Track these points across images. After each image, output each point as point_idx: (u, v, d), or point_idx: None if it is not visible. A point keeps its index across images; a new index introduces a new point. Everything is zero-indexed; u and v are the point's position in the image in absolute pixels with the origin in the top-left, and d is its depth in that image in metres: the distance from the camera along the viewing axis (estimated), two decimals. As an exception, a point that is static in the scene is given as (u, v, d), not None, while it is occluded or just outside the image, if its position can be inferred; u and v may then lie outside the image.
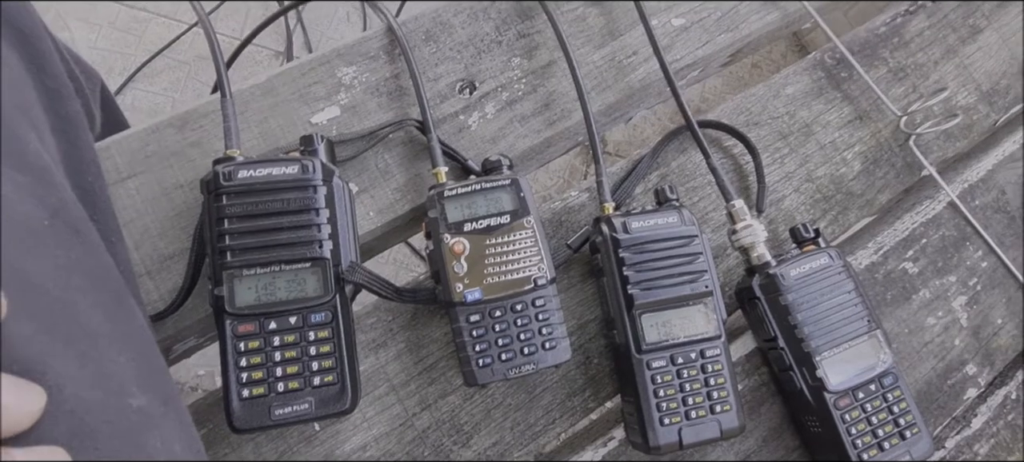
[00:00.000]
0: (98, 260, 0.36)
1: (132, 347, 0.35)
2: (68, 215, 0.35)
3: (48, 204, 0.34)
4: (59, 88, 0.43)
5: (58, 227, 0.34)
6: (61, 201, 0.35)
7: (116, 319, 0.34)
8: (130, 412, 0.32)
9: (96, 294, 0.34)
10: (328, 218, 0.47)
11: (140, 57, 1.64)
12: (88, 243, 0.36)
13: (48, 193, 0.34)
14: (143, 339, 0.37)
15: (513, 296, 0.50)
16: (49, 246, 0.33)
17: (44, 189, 0.34)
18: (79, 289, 0.33)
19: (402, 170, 0.57)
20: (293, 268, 0.46)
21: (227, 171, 0.46)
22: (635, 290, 0.51)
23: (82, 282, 0.33)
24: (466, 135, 0.59)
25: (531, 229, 0.51)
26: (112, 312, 0.34)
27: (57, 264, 0.32)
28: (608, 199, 0.56)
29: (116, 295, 0.35)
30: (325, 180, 0.48)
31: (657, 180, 0.63)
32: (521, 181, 0.52)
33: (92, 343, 0.32)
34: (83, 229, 0.36)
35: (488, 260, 0.50)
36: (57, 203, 0.34)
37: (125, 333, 0.35)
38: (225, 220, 0.45)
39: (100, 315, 0.33)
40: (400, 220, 0.57)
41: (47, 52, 0.42)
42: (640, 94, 0.65)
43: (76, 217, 0.36)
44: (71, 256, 0.34)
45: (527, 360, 0.50)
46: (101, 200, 0.43)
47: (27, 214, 0.33)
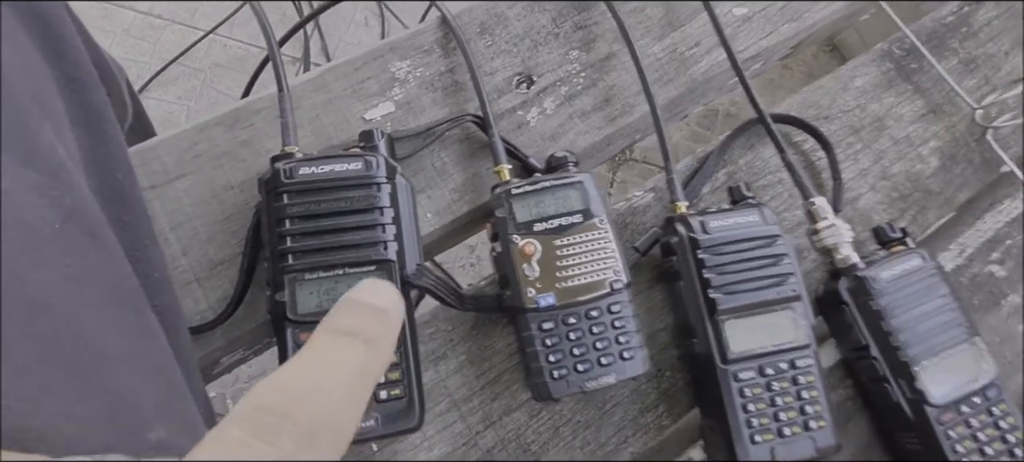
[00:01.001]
0: (116, 269, 0.33)
1: (152, 369, 0.32)
2: (84, 218, 0.32)
3: (61, 205, 0.31)
4: (81, 76, 0.39)
5: (70, 232, 0.30)
6: (76, 202, 0.31)
7: (134, 336, 0.31)
8: (147, 448, 0.28)
9: (112, 310, 0.31)
10: (393, 218, 0.45)
11: (155, 65, 1.63)
12: (105, 250, 0.32)
13: (62, 193, 0.31)
14: (166, 358, 0.34)
15: (588, 301, 0.47)
16: (57, 254, 0.29)
17: (57, 188, 0.31)
18: (91, 303, 0.29)
19: (460, 169, 0.55)
20: (357, 272, 0.44)
21: (288, 168, 0.44)
22: (718, 294, 0.49)
23: (95, 295, 0.30)
24: (525, 132, 0.57)
25: (604, 229, 0.49)
26: (130, 328, 0.31)
27: (66, 275, 0.29)
28: (680, 198, 0.53)
29: (137, 309, 0.32)
30: (388, 177, 0.45)
31: (725, 179, 0.61)
32: (590, 179, 0.50)
33: (101, 368, 0.28)
34: (101, 234, 0.32)
35: (560, 262, 0.47)
36: (71, 204, 0.31)
37: (145, 352, 0.32)
38: (286, 220, 0.43)
39: (114, 334, 0.30)
40: (458, 222, 0.54)
41: (68, 36, 0.39)
42: (703, 88, 0.63)
43: (93, 221, 0.32)
44: (85, 264, 0.30)
45: (605, 371, 0.47)
46: (132, 199, 0.40)
47: (35, 217, 0.29)
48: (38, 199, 0.30)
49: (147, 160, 0.50)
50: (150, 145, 0.50)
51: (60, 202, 0.31)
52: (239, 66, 1.69)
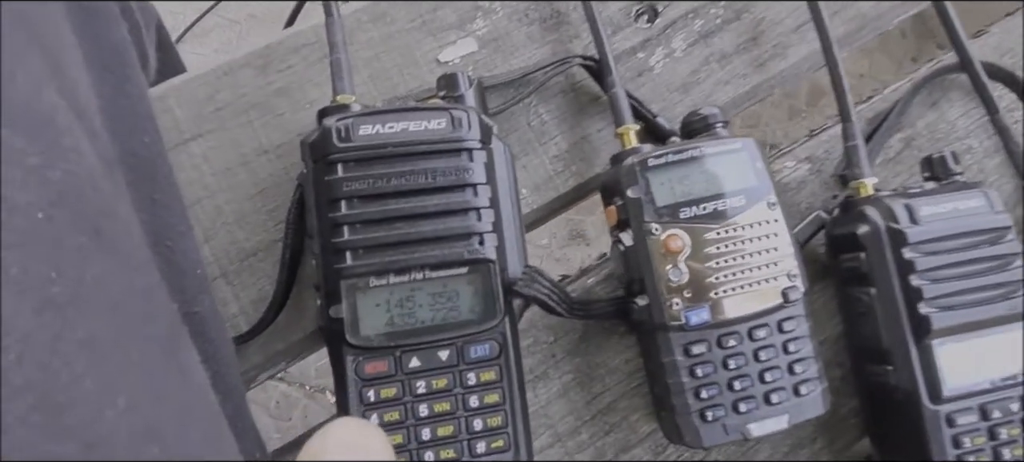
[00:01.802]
0: (129, 282, 0.21)
1: (185, 430, 0.20)
2: (82, 203, 0.20)
3: (48, 182, 0.19)
4: (96, 3, 0.28)
5: (60, 225, 0.19)
6: (72, 177, 0.20)
7: (156, 393, 0.19)
8: None
9: (120, 354, 0.19)
10: (490, 199, 0.32)
11: (189, 16, 1.50)
12: (113, 252, 0.21)
13: (49, 162, 0.19)
14: (205, 409, 0.22)
15: (754, 317, 0.34)
16: (37, 264, 0.17)
17: (42, 153, 0.19)
18: (85, 344, 0.18)
19: (564, 130, 0.41)
20: (442, 276, 0.31)
21: (343, 126, 0.31)
22: (930, 309, 0.35)
23: (95, 327, 0.19)
24: (647, 81, 0.43)
25: (775, 216, 0.35)
26: (151, 378, 0.20)
27: (44, 301, 0.17)
28: (867, 173, 0.39)
29: (162, 343, 0.21)
30: (483, 141, 0.32)
31: (900, 146, 0.46)
32: (755, 145, 0.36)
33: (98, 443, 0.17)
34: (107, 228, 0.21)
35: (716, 263, 0.34)
36: (64, 180, 0.20)
37: (174, 412, 0.20)
38: (342, 202, 0.30)
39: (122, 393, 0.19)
40: (561, 200, 0.41)
41: None
42: (873, 24, 0.48)
43: (98, 206, 0.21)
44: (83, 275, 0.19)
45: (774, 411, 0.34)
46: (162, 172, 0.29)
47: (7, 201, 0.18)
48: (11, 170, 0.18)
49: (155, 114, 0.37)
50: (157, 94, 0.37)
51: (46, 176, 0.19)
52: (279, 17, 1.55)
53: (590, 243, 1.30)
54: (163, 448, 0.19)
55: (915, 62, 0.67)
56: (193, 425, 0.21)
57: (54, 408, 0.16)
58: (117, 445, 0.17)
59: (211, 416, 0.23)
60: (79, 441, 0.16)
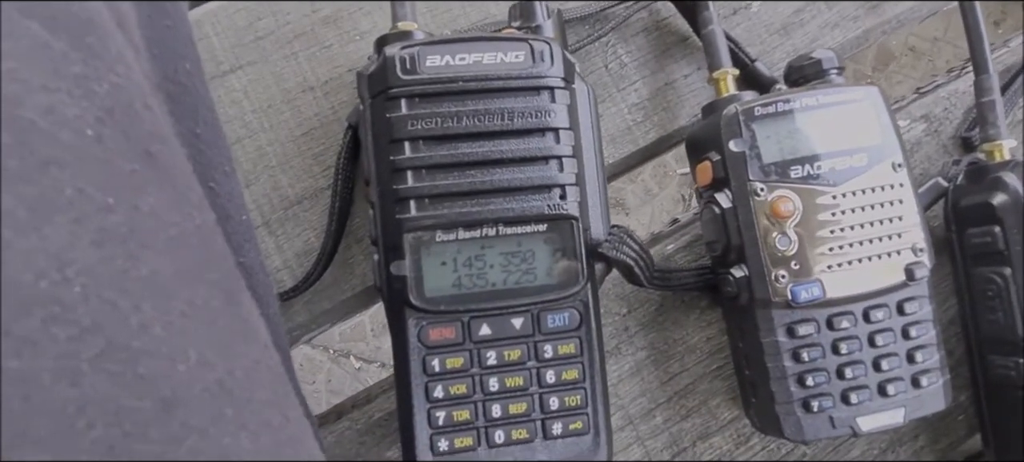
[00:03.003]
0: (187, 217, 0.18)
1: (254, 389, 0.17)
2: (133, 122, 0.17)
3: (94, 95, 0.16)
4: None
5: (110, 145, 0.16)
6: (120, 92, 0.17)
7: (225, 336, 0.17)
8: None
9: (186, 293, 0.17)
10: (573, 147, 0.28)
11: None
12: (169, 181, 0.18)
13: (96, 71, 0.16)
14: (269, 370, 0.20)
15: (871, 296, 0.30)
16: (93, 183, 0.15)
17: (88, 62, 0.16)
18: (150, 285, 0.16)
19: (645, 74, 0.37)
20: (516, 233, 0.27)
21: (407, 56, 0.27)
22: (1078, 294, 0.31)
23: (159, 265, 0.16)
24: (743, 19, 0.38)
25: (901, 178, 0.31)
26: (218, 324, 0.17)
27: (106, 228, 0.15)
28: (1004, 134, 0.34)
29: (224, 288, 0.18)
30: (566, 80, 0.28)
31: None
32: (881, 95, 0.32)
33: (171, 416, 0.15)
34: (162, 153, 0.18)
35: (831, 231, 0.30)
36: (112, 94, 0.17)
37: (245, 364, 0.18)
38: (405, 143, 0.27)
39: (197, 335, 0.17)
40: (639, 155, 0.37)
41: None
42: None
43: (150, 128, 0.18)
44: (138, 204, 0.16)
45: (888, 403, 0.30)
46: (205, 106, 0.26)
47: (42, 111, 0.15)
48: (51, 78, 0.15)
49: (191, 41, 0.34)
50: (192, 19, 0.34)
51: (92, 88, 0.16)
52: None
53: (630, 212, 1.25)
54: (236, 410, 0.16)
55: (997, 26, 0.61)
56: (261, 384, 0.19)
57: (128, 355, 0.14)
58: (193, 403, 0.15)
59: (276, 375, 0.21)
60: (155, 397, 0.14)
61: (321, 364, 1.06)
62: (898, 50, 1.48)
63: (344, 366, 1.06)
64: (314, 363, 1.06)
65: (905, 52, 1.45)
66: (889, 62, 1.44)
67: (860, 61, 1.45)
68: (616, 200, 1.26)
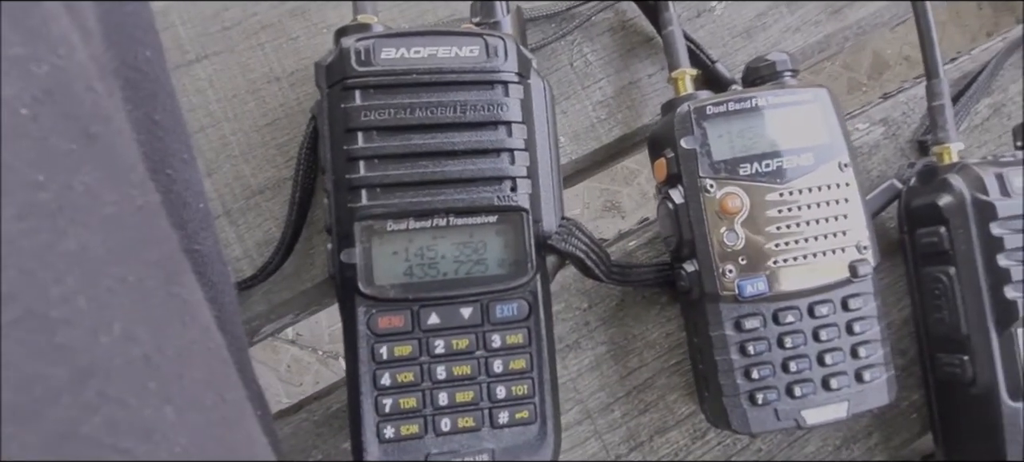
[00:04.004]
0: (126, 198, 0.19)
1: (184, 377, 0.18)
2: (74, 103, 0.18)
3: (32, 76, 0.17)
4: None
5: (46, 123, 0.17)
6: (60, 73, 0.18)
7: (157, 314, 0.17)
8: None
9: (117, 269, 0.17)
10: (525, 140, 0.29)
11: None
12: (109, 162, 0.18)
13: (36, 53, 0.17)
14: (210, 354, 0.20)
15: (816, 291, 0.31)
16: (22, 160, 0.16)
17: (28, 45, 0.17)
18: (76, 258, 0.16)
19: (610, 73, 0.38)
20: (467, 224, 0.28)
21: (363, 48, 0.28)
22: (1018, 294, 0.32)
23: (88, 241, 0.17)
24: (707, 22, 0.39)
25: (847, 178, 0.32)
26: (150, 302, 0.18)
27: (33, 203, 0.16)
28: (953, 137, 0.35)
29: (164, 270, 0.19)
30: (521, 75, 0.29)
31: (989, 113, 0.42)
32: (830, 96, 0.33)
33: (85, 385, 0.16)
34: (103, 134, 0.18)
35: (777, 227, 0.31)
36: (51, 75, 0.18)
37: (177, 344, 0.18)
38: (359, 133, 0.28)
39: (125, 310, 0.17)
40: (603, 152, 0.38)
41: None
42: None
43: (91, 109, 0.18)
44: (72, 183, 0.17)
45: (832, 397, 0.32)
46: (165, 90, 0.27)
47: None
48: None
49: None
50: (158, 8, 0.35)
51: (30, 69, 0.17)
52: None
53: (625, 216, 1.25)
54: (161, 384, 0.17)
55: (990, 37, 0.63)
56: (195, 365, 0.20)
57: (44, 324, 0.14)
58: (112, 374, 0.15)
59: (216, 357, 0.21)
60: (71, 365, 0.15)
61: (309, 365, 1.06)
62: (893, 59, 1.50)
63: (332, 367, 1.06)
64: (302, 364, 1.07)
65: (900, 61, 1.47)
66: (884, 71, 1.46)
67: (855, 69, 1.47)
68: (613, 202, 1.26)
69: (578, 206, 1.15)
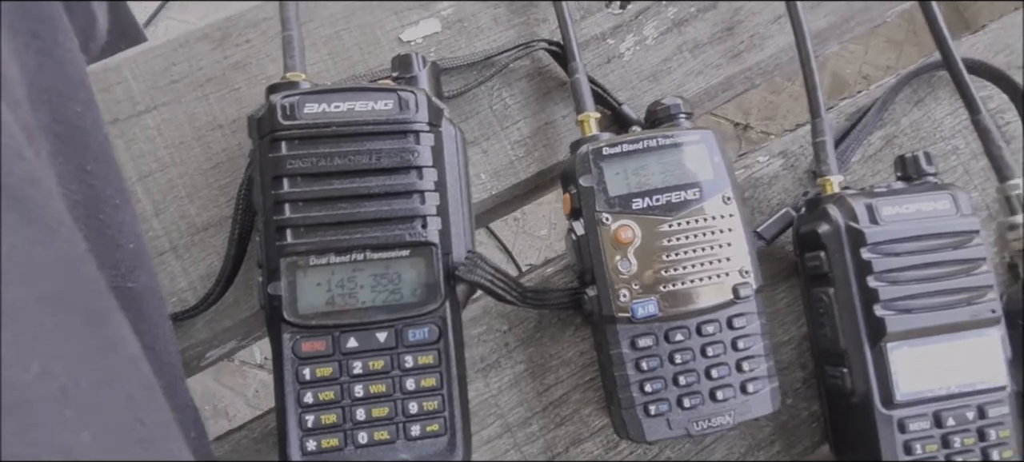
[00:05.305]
0: (49, 252, 0.22)
1: (106, 396, 0.22)
2: (5, 173, 0.21)
3: None
4: None
5: None
6: None
7: (77, 351, 0.21)
8: None
9: (39, 317, 0.20)
10: (436, 182, 0.33)
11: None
12: (34, 220, 0.21)
13: None
14: (129, 384, 0.23)
15: (703, 312, 0.35)
16: None
17: None
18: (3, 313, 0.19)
19: (527, 115, 0.42)
20: (384, 257, 0.32)
21: (289, 103, 0.32)
22: (887, 312, 0.36)
23: (12, 295, 0.20)
24: (616, 68, 0.44)
25: (731, 210, 0.36)
26: (71, 342, 0.21)
27: None
28: (834, 170, 0.40)
29: (85, 311, 0.22)
30: (432, 124, 0.33)
31: (881, 144, 0.46)
32: (714, 137, 0.37)
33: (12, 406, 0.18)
34: (30, 196, 0.21)
35: (667, 256, 0.35)
36: None
37: (98, 376, 0.22)
38: (284, 179, 0.31)
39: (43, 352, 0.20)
40: (522, 186, 0.42)
41: None
42: (860, 16, 0.48)
43: (21, 175, 0.21)
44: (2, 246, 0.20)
45: (719, 408, 0.35)
46: (96, 142, 0.30)
47: None
48: None
49: (107, 85, 0.38)
50: (111, 65, 0.39)
51: None
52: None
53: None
54: (78, 412, 0.20)
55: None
56: (116, 393, 0.23)
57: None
58: (33, 407, 0.19)
59: (140, 387, 0.25)
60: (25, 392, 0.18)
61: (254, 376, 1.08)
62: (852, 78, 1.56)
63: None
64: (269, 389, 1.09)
65: (859, 80, 1.53)
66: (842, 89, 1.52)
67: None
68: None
69: (545, 227, 1.19)
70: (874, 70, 1.53)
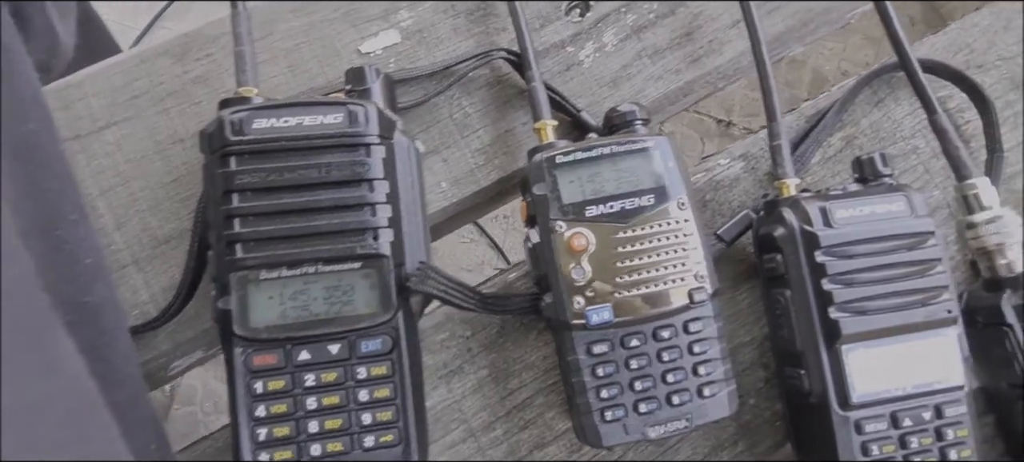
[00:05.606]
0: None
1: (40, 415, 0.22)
2: None
3: None
4: None
5: None
6: None
7: (12, 372, 0.21)
8: None
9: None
10: (387, 194, 0.32)
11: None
12: None
13: None
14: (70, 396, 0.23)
15: (658, 317, 0.35)
16: None
17: None
18: None
19: (488, 123, 0.42)
20: (336, 270, 0.32)
21: (238, 119, 0.31)
22: (841, 315, 0.35)
23: None
24: (577, 75, 0.43)
25: (685, 216, 0.36)
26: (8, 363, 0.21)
27: None
28: (790, 173, 0.39)
29: (23, 333, 0.22)
30: (383, 136, 0.33)
31: (841, 145, 0.46)
32: (668, 144, 0.36)
33: None
34: None
35: (622, 262, 0.35)
36: None
37: (33, 396, 0.22)
38: (234, 194, 0.31)
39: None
40: (483, 195, 0.42)
41: None
42: (820, 19, 0.48)
43: None
44: None
45: (676, 413, 0.35)
46: (51, 158, 0.30)
47: None
48: None
49: (69, 102, 0.38)
50: (73, 82, 0.38)
51: None
52: None
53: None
54: (16, 432, 0.20)
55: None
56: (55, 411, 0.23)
57: None
58: None
59: (83, 405, 0.24)
60: None
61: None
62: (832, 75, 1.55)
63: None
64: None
65: (838, 76, 1.52)
66: (822, 85, 1.52)
67: (796, 86, 1.52)
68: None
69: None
70: (853, 66, 1.52)
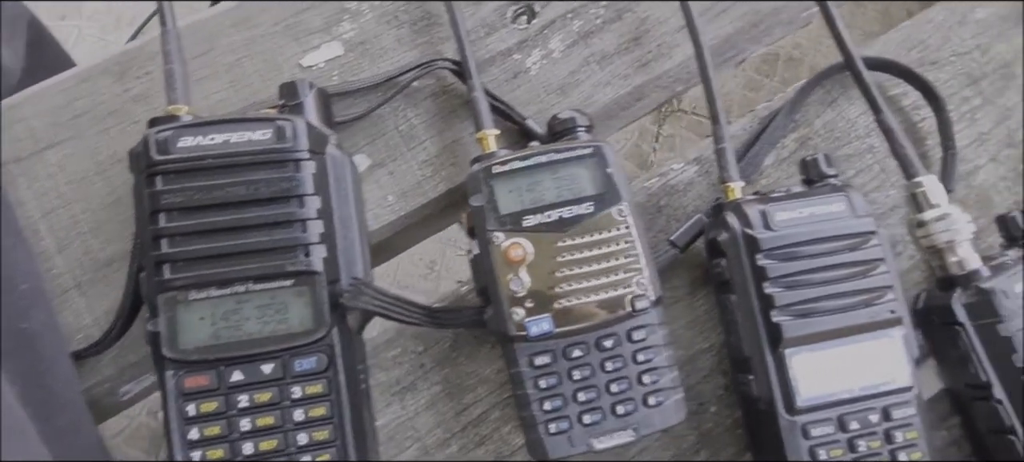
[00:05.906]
0: None
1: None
2: None
3: None
4: None
5: None
6: None
7: None
8: None
9: None
10: (318, 209, 0.32)
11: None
12: None
13: None
14: (9, 434, 0.23)
15: (600, 326, 0.34)
16: None
17: None
18: None
19: (434, 134, 0.41)
20: (268, 288, 0.31)
21: (163, 138, 0.31)
22: (783, 317, 0.34)
23: None
24: (523, 82, 0.42)
25: (625, 223, 0.35)
26: None
27: None
28: (734, 177, 0.38)
29: None
30: (313, 151, 0.32)
31: (796, 146, 0.45)
32: (607, 150, 0.36)
33: None
34: None
35: (561, 272, 0.34)
36: None
37: None
38: (161, 214, 0.30)
39: None
40: (432, 206, 0.41)
41: None
42: (771, 20, 0.47)
43: None
44: None
45: (622, 423, 0.34)
46: None
47: None
48: None
49: (8, 123, 0.37)
50: (14, 102, 0.38)
51: None
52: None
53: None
54: None
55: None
56: None
57: None
58: None
59: (14, 433, 0.24)
60: None
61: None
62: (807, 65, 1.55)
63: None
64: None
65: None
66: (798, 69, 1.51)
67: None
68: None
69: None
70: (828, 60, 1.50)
